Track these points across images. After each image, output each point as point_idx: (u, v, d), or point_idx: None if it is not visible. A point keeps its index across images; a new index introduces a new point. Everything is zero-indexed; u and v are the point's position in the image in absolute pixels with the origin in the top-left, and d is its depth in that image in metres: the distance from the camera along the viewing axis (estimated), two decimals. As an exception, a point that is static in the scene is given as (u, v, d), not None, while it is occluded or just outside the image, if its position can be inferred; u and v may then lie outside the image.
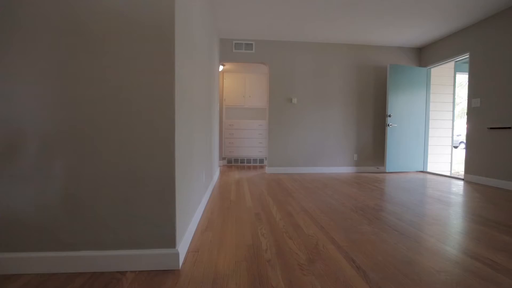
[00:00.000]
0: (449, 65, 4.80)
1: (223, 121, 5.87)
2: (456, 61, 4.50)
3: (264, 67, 5.69)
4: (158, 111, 1.26)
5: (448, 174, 4.64)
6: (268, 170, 4.68)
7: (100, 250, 1.27)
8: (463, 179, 4.03)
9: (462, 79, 5.08)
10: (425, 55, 4.85)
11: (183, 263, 1.37)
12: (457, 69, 4.84)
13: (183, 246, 1.43)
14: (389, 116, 4.58)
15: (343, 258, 1.44)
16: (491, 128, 3.58)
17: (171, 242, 1.30)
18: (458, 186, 3.53)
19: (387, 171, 4.66)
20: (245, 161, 6.02)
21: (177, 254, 1.30)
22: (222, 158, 5.86)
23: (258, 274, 1.28)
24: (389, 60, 4.88)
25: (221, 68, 5.56)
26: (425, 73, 4.78)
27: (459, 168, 6.51)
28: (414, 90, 4.72)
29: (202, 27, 2.37)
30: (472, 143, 3.89)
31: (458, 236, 1.78)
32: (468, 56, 4.01)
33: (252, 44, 4.55)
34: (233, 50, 4.52)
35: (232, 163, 5.98)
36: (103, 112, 1.24)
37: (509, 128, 3.35)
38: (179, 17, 1.36)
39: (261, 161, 6.07)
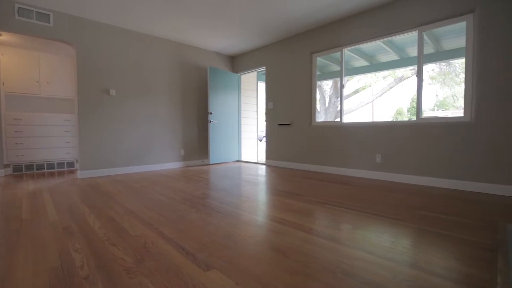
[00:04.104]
0: (253, 74, 5.98)
1: (2, 114, 4.20)
2: (258, 72, 5.68)
3: (69, 48, 4.61)
4: None
5: (255, 161, 5.79)
6: (81, 174, 3.87)
7: None
8: (265, 164, 5.17)
9: (264, 86, 6.46)
10: (236, 63, 5.76)
11: None
12: (259, 78, 6.12)
13: None
14: (211, 113, 5.07)
15: (173, 249, 1.45)
16: (280, 124, 4.81)
17: None
18: (262, 170, 4.49)
19: (211, 163, 5.15)
20: (45, 167, 4.65)
21: None
22: (3, 165, 4.21)
23: (70, 297, 1.03)
24: (209, 63, 5.38)
25: (-5, 39, 3.94)
26: (237, 79, 5.67)
27: (263, 155, 8.29)
28: (229, 92, 5.49)
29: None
30: (269, 136, 5.07)
31: (263, 206, 2.27)
32: (265, 68, 5.16)
33: (49, 15, 3.53)
34: (16, 16, 3.32)
35: (22, 171, 4.43)
36: None
37: (289, 124, 4.66)
38: None
39: (71, 164, 4.92)
